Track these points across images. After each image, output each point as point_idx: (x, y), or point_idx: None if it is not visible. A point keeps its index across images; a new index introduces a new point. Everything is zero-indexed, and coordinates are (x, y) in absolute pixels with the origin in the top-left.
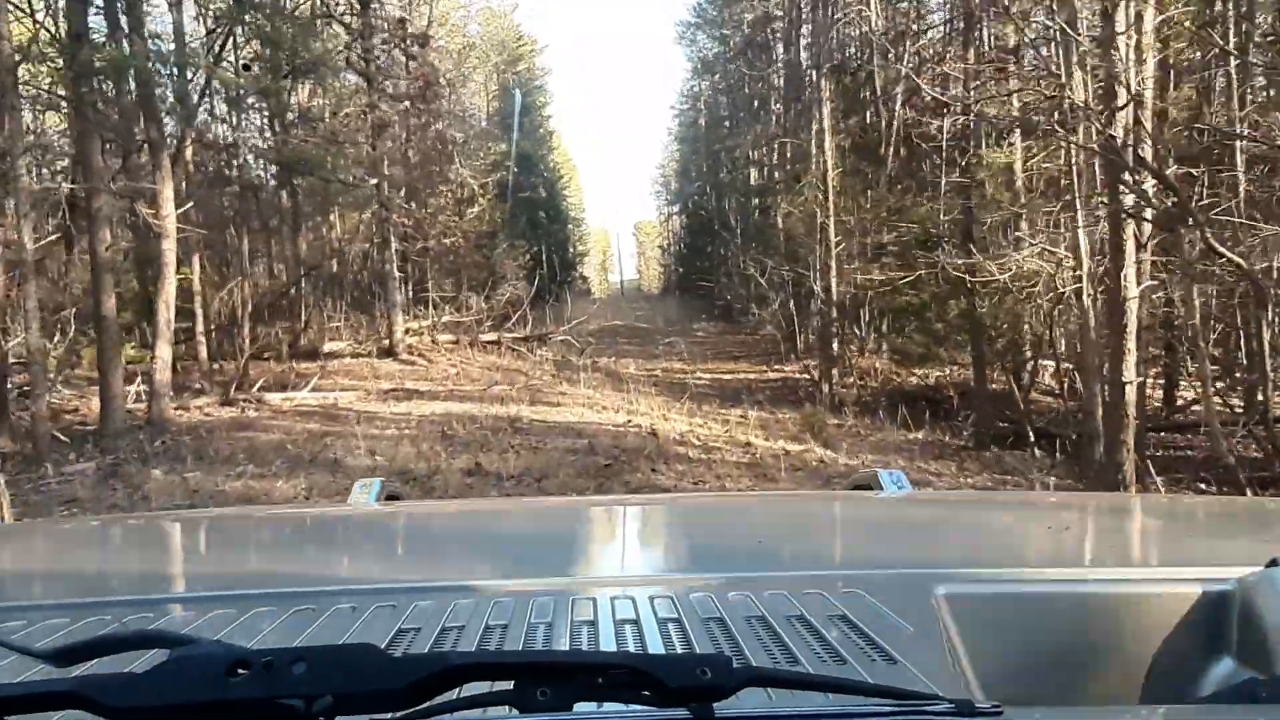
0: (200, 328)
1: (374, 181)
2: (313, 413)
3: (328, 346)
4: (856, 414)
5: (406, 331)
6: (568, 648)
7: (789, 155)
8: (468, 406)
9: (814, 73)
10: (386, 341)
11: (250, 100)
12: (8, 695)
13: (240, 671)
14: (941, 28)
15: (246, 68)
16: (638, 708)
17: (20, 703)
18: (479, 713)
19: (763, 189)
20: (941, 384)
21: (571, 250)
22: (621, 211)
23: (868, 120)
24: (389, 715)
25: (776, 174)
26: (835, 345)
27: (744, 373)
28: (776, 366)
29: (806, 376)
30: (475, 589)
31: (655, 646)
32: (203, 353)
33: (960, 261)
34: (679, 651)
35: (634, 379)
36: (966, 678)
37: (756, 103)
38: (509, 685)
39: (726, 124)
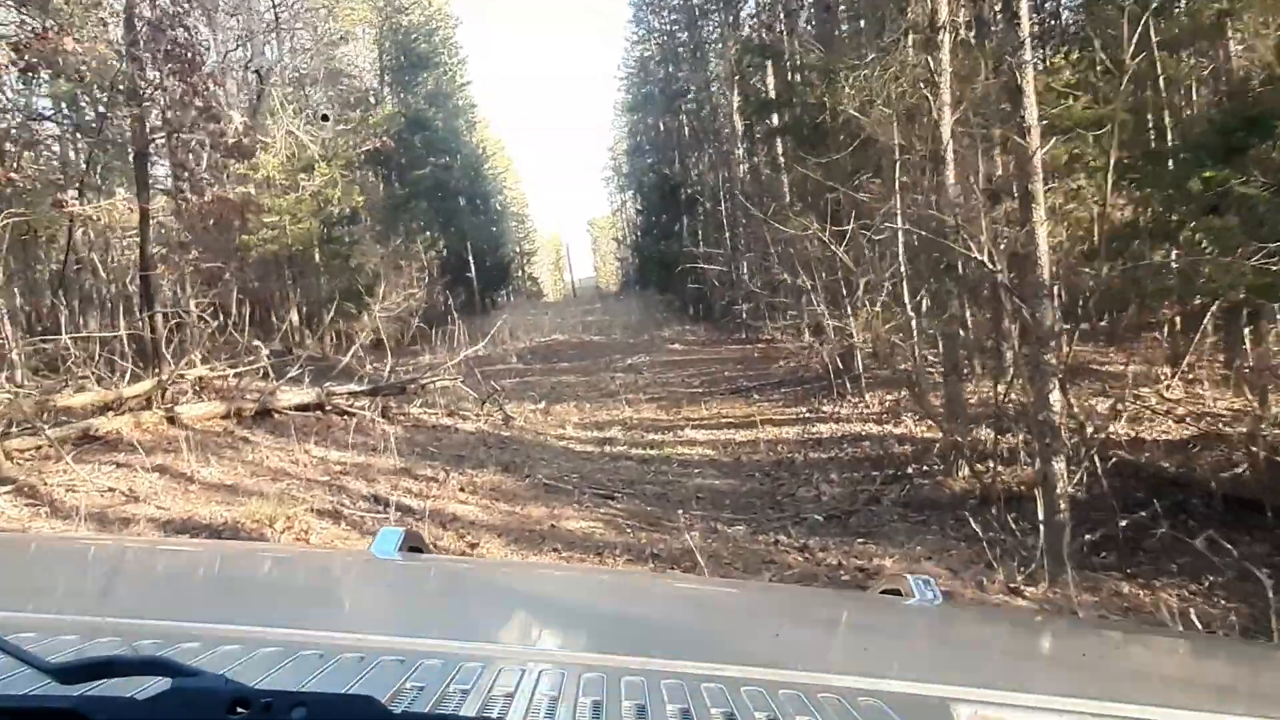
0: None
1: None
2: None
3: None
4: (1128, 572)
5: (121, 404)
6: None
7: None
8: None
9: None
10: None
11: None
12: (10, 706)
13: (239, 710)
14: None
15: (325, 118)
16: None
17: (22, 715)
18: None
19: (770, 102)
20: None
21: (515, 249)
22: (573, 209)
23: None
24: None
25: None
26: (1056, 396)
27: (769, 422)
28: (824, 409)
29: (899, 435)
30: (485, 654)
31: None
32: None
33: None
34: None
35: (572, 467)
36: None
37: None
38: None
39: (688, 58)
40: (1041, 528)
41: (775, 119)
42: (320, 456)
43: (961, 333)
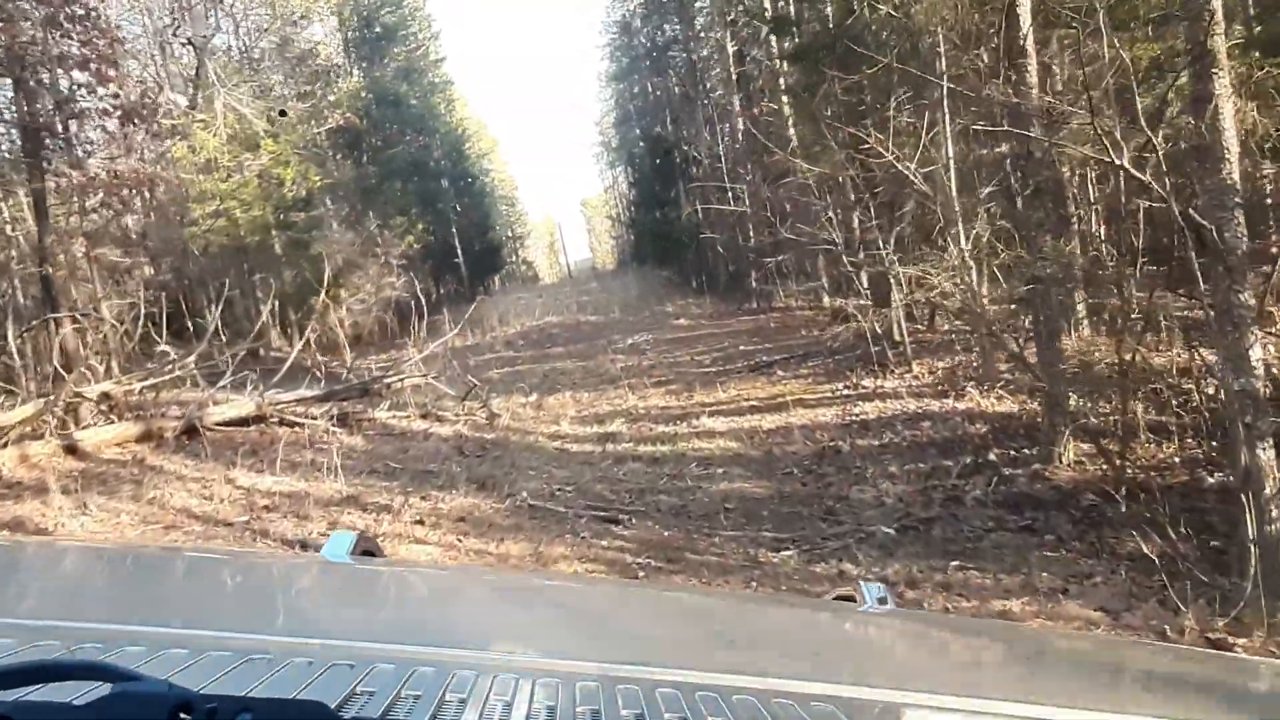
0: None
1: None
2: None
3: None
4: None
5: (3, 434)
6: None
7: None
8: None
9: None
10: None
11: None
12: None
13: (183, 716)
14: None
15: (283, 113)
16: None
17: None
18: None
19: (783, 19)
20: None
21: (507, 234)
22: (566, 191)
23: None
24: None
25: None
26: (1257, 354)
27: (801, 403)
28: (864, 383)
29: (965, 410)
30: (438, 658)
31: None
32: None
33: None
34: None
35: (567, 476)
36: None
37: None
38: None
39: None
40: (1252, 547)
41: (779, 44)
42: (248, 486)
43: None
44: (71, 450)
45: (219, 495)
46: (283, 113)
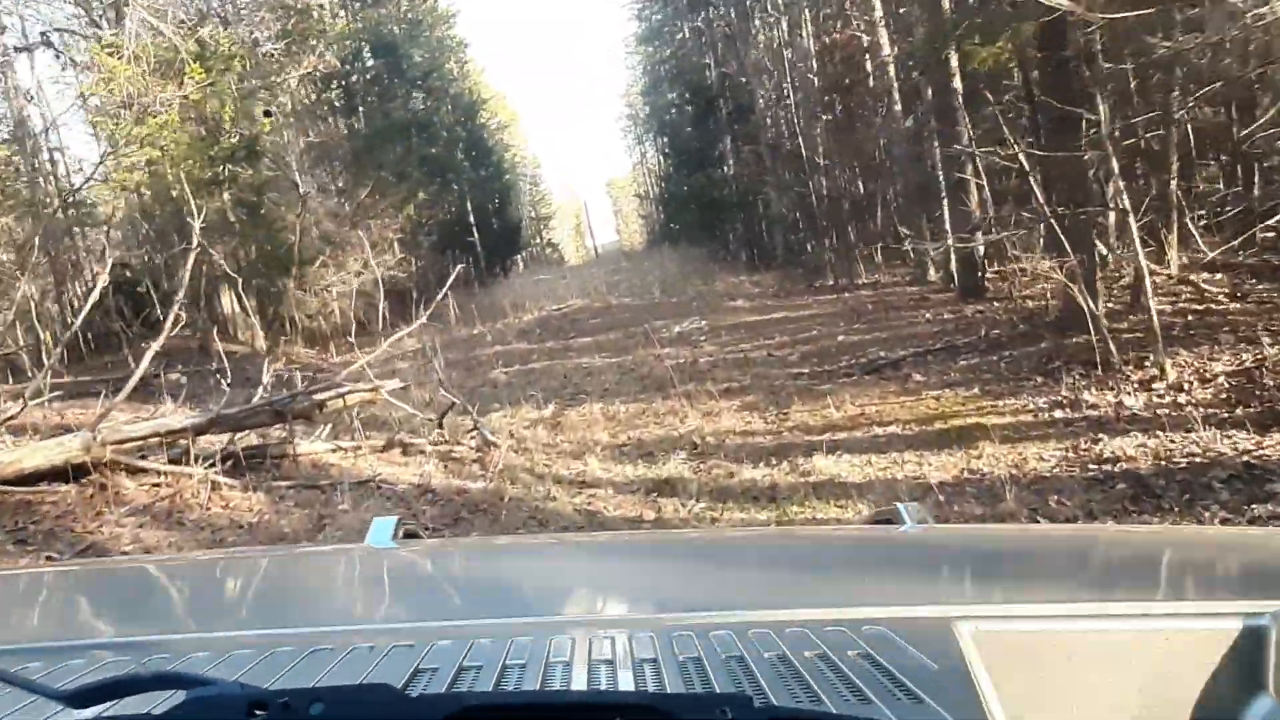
0: None
1: None
2: None
3: None
4: None
5: None
6: (585, 687)
7: None
8: None
9: None
10: None
11: None
12: None
13: (258, 712)
14: None
15: (268, 114)
16: None
17: None
18: None
19: None
20: None
21: (532, 214)
22: (592, 173)
23: None
24: None
25: None
26: None
27: (984, 432)
28: (1086, 397)
29: None
30: (494, 628)
31: (675, 686)
32: None
33: None
34: (699, 691)
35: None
36: (994, 716)
37: None
38: None
39: None
40: None
41: None
42: None
43: None
44: None
45: None
46: (267, 113)
